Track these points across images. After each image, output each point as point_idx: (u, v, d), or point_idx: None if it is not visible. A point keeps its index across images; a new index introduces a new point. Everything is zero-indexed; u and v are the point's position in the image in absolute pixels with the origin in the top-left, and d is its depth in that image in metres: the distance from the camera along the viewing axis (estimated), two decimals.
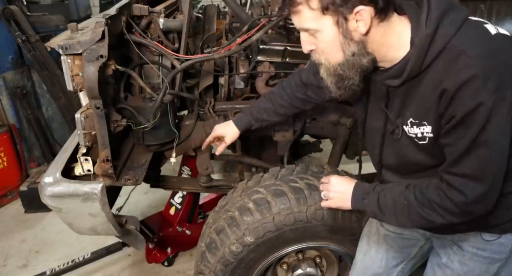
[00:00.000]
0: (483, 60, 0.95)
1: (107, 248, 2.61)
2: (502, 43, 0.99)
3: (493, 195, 1.06)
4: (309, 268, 1.85)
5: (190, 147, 1.98)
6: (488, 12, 1.88)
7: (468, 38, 0.98)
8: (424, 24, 1.00)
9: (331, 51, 1.06)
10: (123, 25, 1.64)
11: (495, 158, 1.01)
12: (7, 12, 3.24)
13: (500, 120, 0.96)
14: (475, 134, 0.98)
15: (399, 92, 1.13)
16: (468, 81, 0.95)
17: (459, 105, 0.97)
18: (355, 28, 1.01)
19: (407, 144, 1.17)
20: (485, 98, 0.94)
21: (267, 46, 1.98)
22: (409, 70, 1.04)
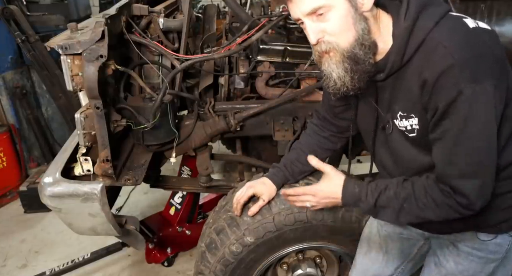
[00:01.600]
0: (460, 50, 0.97)
1: (107, 248, 2.61)
2: (480, 35, 1.01)
3: (490, 187, 1.06)
4: (309, 268, 1.84)
5: (190, 147, 1.97)
6: (488, 12, 1.88)
7: (446, 30, 1.01)
8: (403, 18, 1.04)
9: (344, 30, 1.03)
10: (123, 25, 1.63)
11: (485, 149, 1.01)
12: (6, 12, 3.24)
13: (483, 109, 0.97)
14: (461, 124, 0.99)
15: (386, 86, 1.14)
16: (445, 71, 0.97)
17: (441, 95, 0.99)
18: (362, 4, 1.04)
19: (398, 138, 1.17)
20: (464, 86, 0.95)
21: (267, 46, 1.98)
22: (391, 63, 1.07)
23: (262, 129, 2.03)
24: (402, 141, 1.17)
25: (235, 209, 1.59)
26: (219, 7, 2.38)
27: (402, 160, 1.22)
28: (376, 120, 1.23)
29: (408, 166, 1.20)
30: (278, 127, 2.00)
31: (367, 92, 1.22)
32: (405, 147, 1.17)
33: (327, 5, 1.01)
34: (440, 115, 1.01)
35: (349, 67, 1.06)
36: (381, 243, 1.49)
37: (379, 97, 1.19)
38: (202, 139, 1.95)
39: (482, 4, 1.87)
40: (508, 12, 1.90)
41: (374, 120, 1.24)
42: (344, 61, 1.06)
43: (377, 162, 1.36)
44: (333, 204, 1.29)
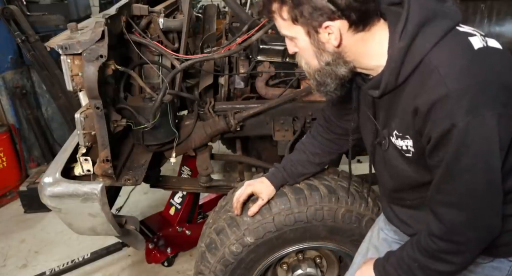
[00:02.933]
0: (456, 79, 0.89)
1: (107, 248, 2.61)
2: (484, 59, 0.92)
3: (485, 219, 0.99)
4: (309, 269, 1.84)
5: (190, 147, 1.97)
6: (488, 12, 1.88)
7: (445, 54, 0.92)
8: (399, 36, 0.96)
9: (308, 57, 1.07)
10: (123, 25, 1.63)
11: (480, 183, 0.94)
12: (6, 12, 3.24)
13: (479, 143, 0.90)
14: (453, 158, 0.93)
15: (384, 103, 1.10)
16: (439, 101, 0.90)
17: (433, 126, 0.93)
18: (328, 40, 1.00)
19: (394, 155, 1.13)
20: (458, 119, 0.88)
21: (267, 46, 1.98)
22: (385, 83, 1.01)
23: (262, 129, 2.03)
24: (397, 158, 1.12)
25: (235, 208, 1.60)
26: (219, 7, 2.38)
27: (397, 176, 1.18)
28: (374, 134, 1.19)
29: (403, 182, 1.18)
30: (278, 127, 2.00)
31: (365, 105, 1.20)
32: (401, 164, 1.12)
33: (289, 36, 1.05)
34: (433, 145, 0.95)
35: (314, 84, 1.12)
36: (378, 246, 1.48)
37: (376, 111, 1.15)
38: (202, 139, 1.95)
39: (482, 4, 1.87)
40: (508, 12, 1.90)
41: (373, 134, 1.20)
42: (311, 79, 1.12)
43: (376, 173, 1.33)
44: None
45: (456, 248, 1.03)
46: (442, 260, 1.05)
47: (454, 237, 1.02)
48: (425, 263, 1.08)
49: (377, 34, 1.01)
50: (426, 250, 1.07)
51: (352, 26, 0.97)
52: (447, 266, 1.06)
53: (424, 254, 1.08)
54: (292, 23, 1.00)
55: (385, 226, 1.45)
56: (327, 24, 0.96)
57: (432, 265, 1.07)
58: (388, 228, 1.44)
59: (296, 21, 0.99)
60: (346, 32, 0.98)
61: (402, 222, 1.28)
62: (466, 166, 0.93)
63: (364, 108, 1.22)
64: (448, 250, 1.04)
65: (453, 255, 1.04)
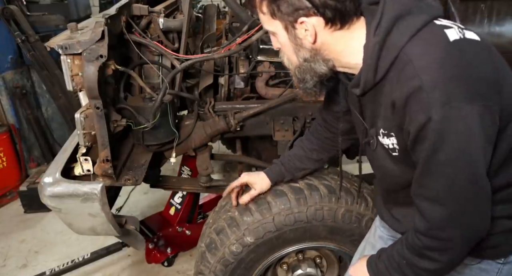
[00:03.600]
0: (430, 71, 0.88)
1: (107, 248, 2.61)
2: (459, 51, 0.90)
3: (467, 216, 0.96)
4: (309, 268, 1.84)
5: (190, 147, 1.97)
6: (488, 12, 1.88)
7: (419, 46, 0.91)
8: (373, 32, 0.96)
9: (288, 53, 1.09)
10: (123, 25, 1.63)
11: (460, 178, 0.92)
12: (6, 12, 3.24)
13: (458, 137, 0.88)
14: (430, 152, 0.91)
15: (367, 101, 1.09)
16: (413, 94, 0.89)
17: (410, 120, 0.92)
18: (304, 36, 1.01)
19: (383, 155, 1.11)
20: (433, 112, 0.86)
21: (267, 46, 1.98)
22: (364, 80, 1.00)
23: (262, 129, 2.03)
24: (385, 158, 1.11)
25: (225, 191, 1.68)
26: (219, 7, 2.38)
27: (387, 176, 1.17)
28: (363, 134, 1.18)
29: (392, 182, 1.17)
30: (278, 127, 2.00)
31: (352, 104, 1.19)
32: (389, 164, 1.11)
33: (271, 31, 1.08)
34: (413, 140, 0.94)
35: (296, 81, 1.13)
36: (374, 243, 1.48)
37: (363, 110, 1.15)
38: (202, 139, 1.95)
39: (482, 4, 1.87)
40: (508, 12, 1.90)
41: (362, 134, 1.19)
42: (292, 75, 1.13)
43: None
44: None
45: (440, 245, 1.01)
46: (427, 258, 1.03)
47: (438, 233, 0.99)
48: (412, 261, 1.06)
49: (356, 33, 1.01)
50: (413, 247, 1.05)
51: (328, 23, 0.98)
52: (432, 264, 1.03)
53: (411, 251, 1.06)
54: (271, 17, 1.02)
55: (380, 224, 1.46)
56: (302, 19, 0.97)
57: (418, 262, 1.05)
58: (384, 225, 1.44)
59: (275, 16, 1.01)
60: (322, 30, 0.99)
61: (394, 220, 1.27)
62: (445, 160, 0.91)
63: (352, 108, 1.21)
64: (432, 247, 1.01)
65: (438, 253, 1.02)
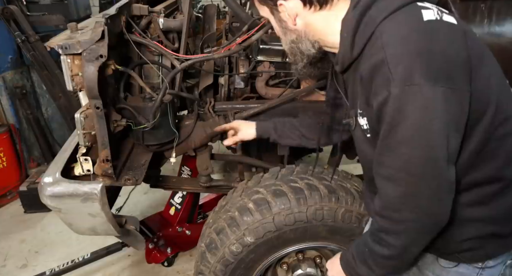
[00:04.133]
0: (394, 44, 0.87)
1: (107, 248, 2.61)
2: (429, 30, 0.88)
3: (423, 199, 0.93)
4: (309, 268, 1.84)
5: (190, 147, 1.97)
6: (488, 12, 1.88)
7: (393, 23, 0.91)
8: (353, 7, 0.96)
9: (281, 37, 1.13)
10: (123, 25, 1.63)
11: (418, 158, 0.89)
12: (6, 12, 3.24)
13: (417, 115, 0.85)
14: (388, 129, 0.89)
15: (348, 79, 1.08)
16: (376, 66, 0.88)
17: (373, 94, 0.90)
18: (288, 19, 1.04)
19: (360, 136, 1.10)
20: (393, 85, 0.85)
21: (267, 46, 1.97)
22: (341, 55, 1.00)
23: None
24: (363, 140, 1.09)
25: (216, 129, 1.80)
26: (219, 7, 2.37)
27: (366, 161, 1.15)
28: (345, 114, 1.18)
29: (369, 166, 1.11)
30: None
31: (340, 85, 1.19)
32: (366, 147, 1.09)
33: (265, 17, 1.13)
34: (376, 117, 0.93)
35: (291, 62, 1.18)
36: None
37: (347, 90, 1.14)
38: (202, 139, 1.95)
39: (482, 4, 1.87)
40: (508, 12, 1.89)
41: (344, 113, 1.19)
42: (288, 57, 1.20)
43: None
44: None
45: (393, 226, 0.99)
46: (383, 242, 1.02)
47: (391, 213, 0.98)
48: (372, 248, 1.05)
49: (340, 12, 1.01)
50: (372, 232, 1.06)
51: (306, 5, 1.01)
52: (387, 250, 1.02)
53: (370, 236, 1.06)
54: (259, 3, 1.09)
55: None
56: (281, 2, 1.02)
57: (376, 248, 1.04)
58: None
59: (261, 1, 1.07)
60: (302, 11, 1.02)
61: None
62: (402, 137, 0.89)
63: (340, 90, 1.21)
64: (386, 229, 1.00)
65: (392, 237, 1.00)
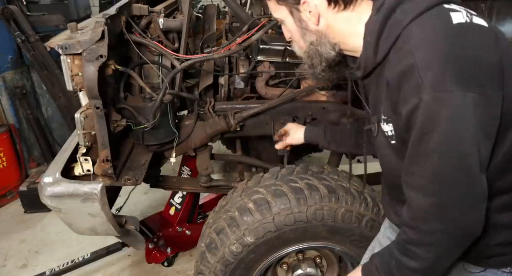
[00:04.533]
0: (424, 49, 0.83)
1: (107, 248, 2.61)
2: (460, 34, 0.85)
3: (452, 214, 0.90)
4: (309, 268, 1.84)
5: (190, 147, 1.97)
6: (488, 12, 1.88)
7: (421, 27, 0.87)
8: (377, 10, 0.93)
9: (297, 39, 1.10)
10: (123, 25, 1.63)
11: (449, 167, 0.86)
12: (6, 12, 3.24)
13: (448, 123, 0.82)
14: (418, 137, 0.86)
15: (371, 85, 1.06)
16: (405, 72, 0.84)
17: (403, 101, 0.87)
18: (309, 19, 1.02)
19: (383, 143, 1.06)
20: (424, 92, 0.81)
21: (267, 46, 1.97)
22: (364, 60, 0.97)
23: (262, 129, 2.03)
24: (386, 146, 1.05)
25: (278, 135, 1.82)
26: (219, 7, 2.37)
27: (388, 167, 1.13)
28: (367, 120, 1.16)
29: (393, 174, 1.08)
30: (278, 127, 1.99)
31: (360, 90, 1.17)
32: (389, 154, 1.06)
33: (279, 19, 1.10)
34: (405, 124, 0.89)
35: (307, 68, 1.13)
36: (383, 244, 1.47)
37: (368, 96, 1.12)
38: (202, 139, 1.95)
39: (482, 4, 1.87)
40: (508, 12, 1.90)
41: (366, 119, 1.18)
42: (304, 62, 1.14)
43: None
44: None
45: (423, 238, 0.95)
46: (413, 255, 0.98)
47: (420, 224, 0.94)
48: (399, 258, 1.02)
49: (363, 13, 0.99)
50: (399, 243, 1.02)
51: (331, 3, 0.98)
52: (418, 263, 0.98)
53: (397, 247, 1.03)
54: (276, 3, 1.05)
55: (389, 224, 1.44)
56: (305, 0, 0.99)
57: (402, 259, 1.00)
58: (392, 226, 1.42)
59: (280, 1, 1.04)
60: (326, 10, 0.99)
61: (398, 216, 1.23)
62: (434, 146, 0.85)
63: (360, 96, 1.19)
64: (416, 241, 0.97)
65: (423, 249, 0.96)
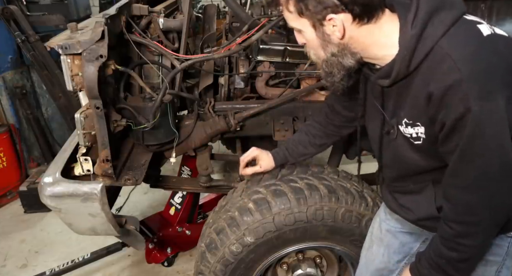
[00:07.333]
0: (468, 63, 0.92)
1: (107, 248, 2.61)
2: (493, 44, 0.96)
3: (499, 202, 1.02)
4: (309, 268, 1.84)
5: (190, 147, 1.97)
6: (488, 11, 1.88)
7: (456, 40, 0.96)
8: (411, 24, 0.99)
9: (315, 48, 1.12)
10: (123, 25, 1.63)
11: (496, 164, 0.98)
12: (6, 12, 3.24)
13: (492, 126, 0.93)
14: (467, 141, 0.96)
15: (392, 92, 1.13)
16: (452, 86, 0.93)
17: (448, 112, 0.96)
18: (332, 32, 1.04)
19: (402, 144, 1.16)
20: (472, 103, 0.91)
21: (267, 46, 1.97)
22: (396, 71, 1.04)
23: (262, 129, 2.03)
24: (405, 146, 1.15)
25: (241, 167, 1.71)
26: (219, 7, 2.37)
27: (403, 164, 1.21)
28: (381, 124, 1.22)
29: (408, 169, 1.21)
30: (278, 127, 2.00)
31: (373, 95, 1.22)
32: (408, 152, 1.16)
33: (297, 28, 1.11)
34: (447, 131, 0.99)
35: (323, 75, 1.15)
36: (382, 237, 1.49)
37: (384, 102, 1.18)
38: (202, 139, 1.95)
39: (482, 4, 1.87)
40: (508, 12, 1.90)
41: (380, 124, 1.23)
42: (320, 68, 1.16)
43: (380, 162, 1.37)
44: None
45: (470, 229, 1.06)
46: (459, 247, 1.08)
47: (469, 217, 1.05)
48: (449, 256, 1.10)
49: (385, 26, 1.04)
50: (445, 239, 1.10)
51: (356, 19, 1.01)
52: (468, 252, 1.08)
53: (444, 244, 1.10)
54: (298, 15, 1.05)
55: (386, 217, 1.47)
56: (331, 16, 1.00)
57: (453, 255, 1.09)
58: (389, 218, 1.46)
59: (302, 14, 1.04)
60: (350, 25, 1.02)
61: (402, 207, 1.31)
62: (481, 149, 0.96)
63: (372, 99, 1.24)
64: (463, 233, 1.06)
65: (469, 238, 1.06)
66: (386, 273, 1.52)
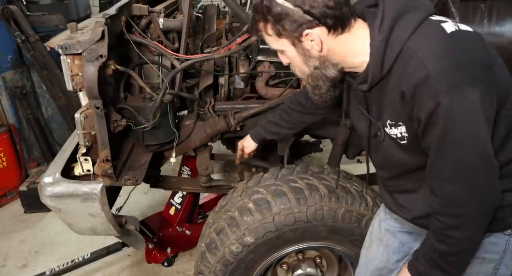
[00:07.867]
0: (434, 60, 0.97)
1: (107, 248, 2.61)
2: (457, 40, 1.00)
3: (485, 191, 1.05)
4: (309, 268, 1.84)
5: (190, 147, 1.97)
6: (488, 11, 1.87)
7: (421, 39, 1.01)
8: (378, 30, 1.05)
9: (298, 65, 1.18)
10: (123, 25, 1.63)
11: (472, 154, 1.00)
12: (6, 12, 3.24)
13: (464, 117, 0.96)
14: (441, 135, 0.99)
15: (373, 96, 1.17)
16: (421, 83, 0.97)
17: (420, 107, 1.00)
18: (311, 47, 1.09)
19: (390, 145, 1.19)
20: (441, 97, 0.95)
21: (267, 46, 1.96)
22: (371, 76, 1.09)
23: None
24: (393, 147, 1.19)
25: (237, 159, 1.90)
26: (219, 7, 2.38)
27: (395, 164, 1.24)
28: (369, 128, 1.26)
29: (400, 168, 1.24)
30: None
31: (357, 101, 1.26)
32: (397, 153, 1.19)
33: (279, 49, 1.16)
34: (423, 126, 1.02)
35: (310, 89, 1.21)
36: (382, 237, 1.50)
37: (369, 106, 1.22)
38: (202, 139, 1.95)
39: (482, 4, 1.86)
40: (508, 12, 1.89)
41: (367, 127, 1.26)
42: (306, 83, 1.22)
43: (373, 164, 1.39)
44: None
45: (457, 220, 1.07)
46: (449, 240, 1.09)
47: (455, 209, 1.06)
48: (440, 249, 1.11)
49: (358, 33, 1.10)
50: (435, 232, 1.12)
51: (330, 30, 1.07)
52: (458, 245, 1.10)
53: (435, 237, 1.12)
54: (277, 37, 1.11)
55: (385, 216, 1.48)
56: (307, 32, 1.06)
57: (442, 247, 1.11)
58: (388, 218, 1.47)
59: (281, 35, 1.10)
60: (326, 37, 1.08)
61: (400, 207, 1.32)
62: (455, 141, 0.99)
63: (356, 105, 1.28)
64: (452, 225, 1.08)
65: (458, 230, 1.08)
66: (385, 273, 1.52)
